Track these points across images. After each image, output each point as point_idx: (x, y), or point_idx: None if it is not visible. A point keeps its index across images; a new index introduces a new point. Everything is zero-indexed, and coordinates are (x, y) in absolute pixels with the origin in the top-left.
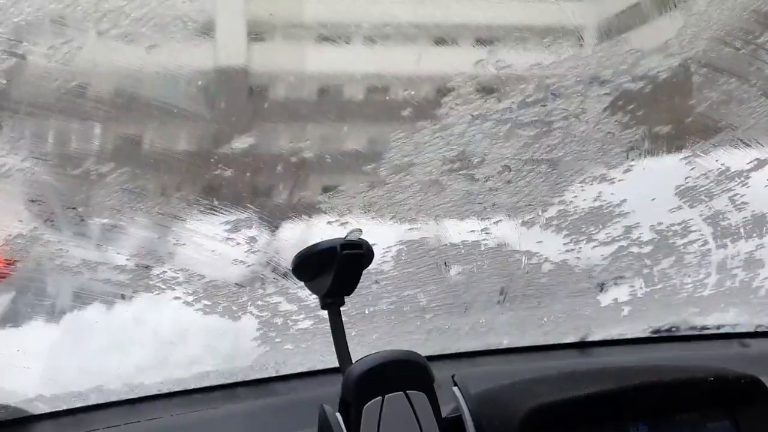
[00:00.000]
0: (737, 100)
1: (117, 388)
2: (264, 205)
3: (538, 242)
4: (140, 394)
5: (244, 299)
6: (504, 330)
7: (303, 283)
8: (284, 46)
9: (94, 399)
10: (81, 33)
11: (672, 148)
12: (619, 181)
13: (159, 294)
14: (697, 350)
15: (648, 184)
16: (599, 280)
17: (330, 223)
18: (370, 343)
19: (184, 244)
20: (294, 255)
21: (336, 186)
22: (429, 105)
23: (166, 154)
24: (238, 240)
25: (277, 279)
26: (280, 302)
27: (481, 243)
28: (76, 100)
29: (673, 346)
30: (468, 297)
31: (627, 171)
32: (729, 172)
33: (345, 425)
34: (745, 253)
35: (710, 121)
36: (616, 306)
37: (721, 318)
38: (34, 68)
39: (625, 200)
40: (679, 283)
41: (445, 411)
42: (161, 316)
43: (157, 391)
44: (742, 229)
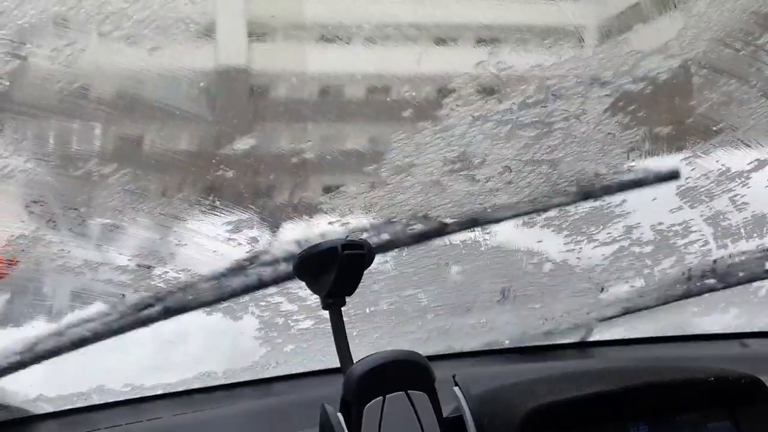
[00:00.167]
0: (737, 101)
1: (118, 388)
2: (265, 206)
3: (539, 242)
4: (142, 394)
5: (245, 299)
6: (505, 330)
7: (304, 283)
8: (285, 47)
9: (96, 399)
10: (83, 35)
11: (672, 148)
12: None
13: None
14: (698, 350)
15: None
16: (600, 280)
17: (331, 223)
18: (371, 343)
19: (186, 245)
20: (295, 255)
21: (337, 186)
22: (430, 106)
23: (167, 155)
24: (240, 240)
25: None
26: (281, 302)
27: (481, 243)
28: (79, 101)
29: (673, 346)
30: (469, 297)
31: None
32: (729, 173)
33: (346, 425)
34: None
35: (710, 122)
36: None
37: (721, 318)
38: (37, 70)
39: (625, 200)
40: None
41: (446, 411)
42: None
43: (158, 391)
44: (742, 230)
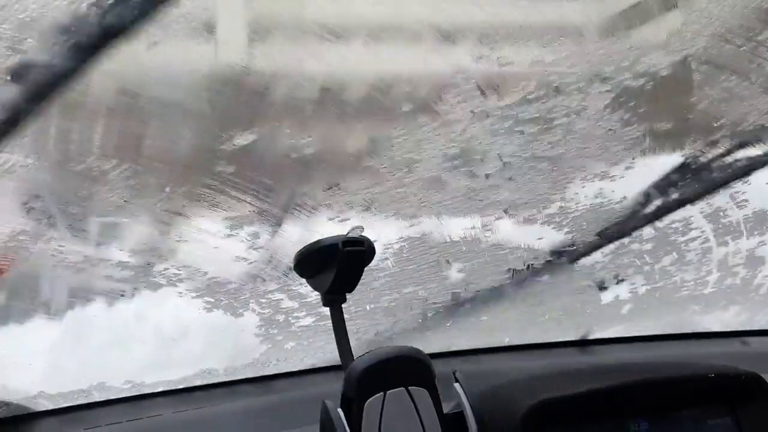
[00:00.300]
0: (738, 98)
1: (119, 385)
2: (266, 202)
3: (539, 239)
4: (142, 391)
5: (246, 296)
6: (505, 327)
7: (305, 280)
8: (285, 45)
9: (96, 396)
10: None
11: (673, 145)
12: (620, 178)
13: (161, 290)
14: (698, 348)
15: (649, 181)
16: (600, 278)
17: (331, 219)
18: (371, 341)
19: (187, 241)
20: (296, 252)
21: (337, 183)
22: (430, 102)
23: (168, 151)
24: (241, 236)
25: (278, 276)
26: (281, 299)
27: (482, 240)
28: (79, 96)
29: (674, 344)
30: (469, 294)
31: (628, 168)
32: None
33: (347, 421)
34: (747, 250)
35: (711, 119)
36: (617, 304)
37: (721, 316)
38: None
39: (625, 197)
40: (679, 280)
41: (446, 407)
42: (163, 312)
43: (159, 389)
44: (743, 227)
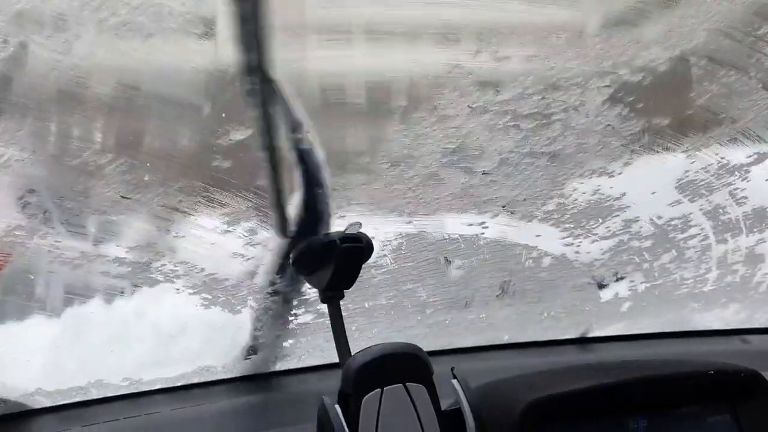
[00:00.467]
0: (737, 93)
1: (117, 382)
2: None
3: (537, 236)
4: (140, 389)
5: (244, 293)
6: (504, 325)
7: (303, 277)
8: (285, 43)
9: (95, 393)
10: (80, 22)
11: (672, 141)
12: (619, 174)
13: (158, 287)
14: (698, 346)
15: (648, 178)
16: (599, 275)
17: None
18: (369, 338)
19: (184, 237)
20: (294, 248)
21: (335, 180)
22: (428, 97)
23: (165, 146)
24: (238, 233)
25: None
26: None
27: (480, 237)
28: (75, 90)
29: (673, 342)
30: (468, 292)
31: (626, 164)
32: (729, 166)
33: (344, 417)
34: (746, 248)
35: (710, 114)
36: (617, 301)
37: (721, 314)
38: (33, 57)
39: (624, 194)
40: (679, 278)
41: (445, 404)
42: (161, 309)
43: (157, 386)
44: (742, 224)
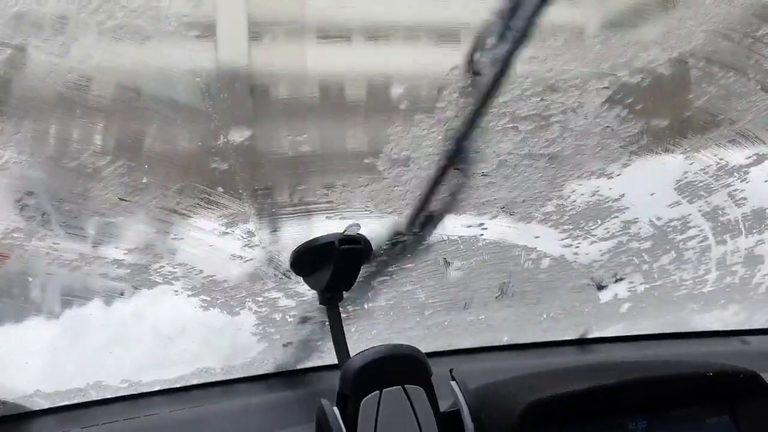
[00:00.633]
0: (736, 95)
1: (116, 384)
2: (262, 200)
3: (536, 237)
4: (139, 390)
5: (243, 294)
6: (503, 326)
7: (302, 279)
8: (285, 43)
9: (93, 395)
10: (77, 25)
11: (671, 142)
12: (618, 175)
13: (157, 289)
14: (697, 347)
15: (647, 179)
16: (598, 277)
17: (329, 217)
18: (368, 340)
19: (182, 239)
20: (292, 250)
21: (334, 181)
22: (426, 99)
23: (164, 148)
24: (237, 235)
25: (276, 274)
26: (278, 297)
27: (479, 238)
28: (73, 92)
29: (672, 343)
30: (467, 293)
31: (625, 165)
32: (728, 167)
33: (342, 419)
34: (745, 249)
35: (709, 116)
36: (616, 303)
37: (720, 315)
38: (30, 60)
39: (623, 195)
40: (678, 279)
41: (443, 406)
42: (159, 311)
43: (155, 388)
44: (741, 225)
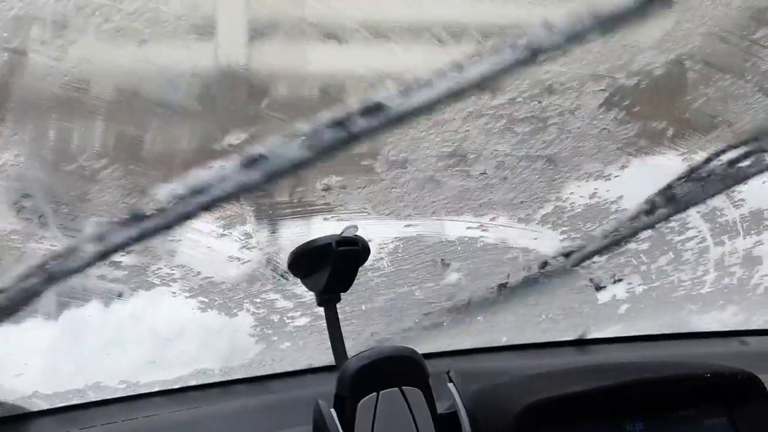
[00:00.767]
0: (733, 97)
1: (114, 385)
2: (261, 202)
3: (534, 239)
4: (138, 391)
5: (241, 296)
6: (502, 327)
7: (299, 280)
8: (285, 44)
9: (92, 396)
10: (75, 27)
11: (668, 144)
12: (615, 177)
13: (155, 290)
14: (696, 348)
15: (644, 181)
16: (597, 278)
17: (326, 219)
18: (366, 341)
19: (180, 241)
20: (290, 252)
21: (333, 182)
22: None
23: (162, 150)
24: (234, 237)
25: (273, 276)
26: (276, 299)
27: (477, 240)
28: (71, 95)
29: (671, 344)
30: (465, 294)
31: (623, 167)
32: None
33: (339, 421)
34: (743, 250)
35: (706, 118)
36: (614, 304)
37: (719, 316)
38: (27, 63)
39: (621, 197)
40: (676, 280)
41: (441, 408)
42: (158, 313)
43: (154, 389)
44: (739, 226)
